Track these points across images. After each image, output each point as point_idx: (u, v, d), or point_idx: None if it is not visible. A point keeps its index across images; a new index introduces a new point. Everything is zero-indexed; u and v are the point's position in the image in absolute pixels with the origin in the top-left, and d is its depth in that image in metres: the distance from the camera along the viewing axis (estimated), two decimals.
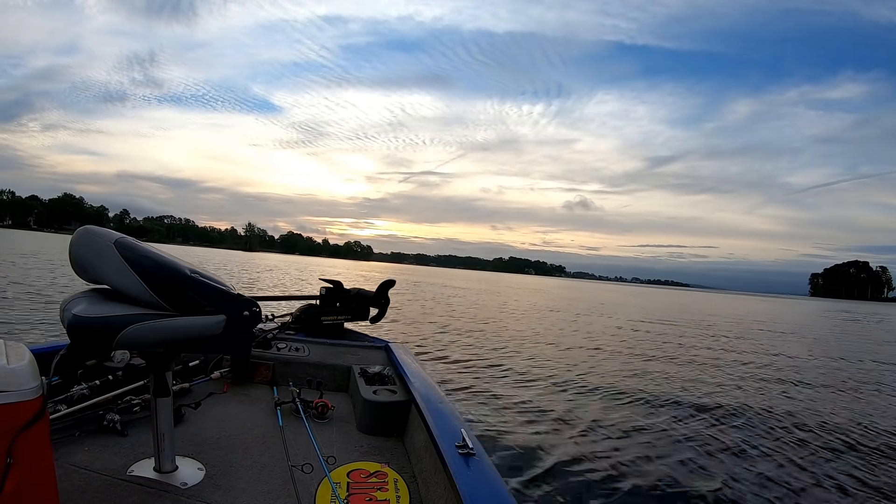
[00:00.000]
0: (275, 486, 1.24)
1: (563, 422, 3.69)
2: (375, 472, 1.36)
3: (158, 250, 1.12)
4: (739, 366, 7.05)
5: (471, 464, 1.08)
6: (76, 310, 0.95)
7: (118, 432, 1.43)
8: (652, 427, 3.72)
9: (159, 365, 1.17)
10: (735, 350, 8.92)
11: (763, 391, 5.37)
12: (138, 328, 0.97)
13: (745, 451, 3.31)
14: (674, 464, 3.01)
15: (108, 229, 1.08)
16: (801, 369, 7.13)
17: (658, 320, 14.73)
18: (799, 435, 3.77)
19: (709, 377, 5.96)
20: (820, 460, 3.25)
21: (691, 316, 18.29)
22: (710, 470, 2.96)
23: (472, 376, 5.02)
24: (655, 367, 6.32)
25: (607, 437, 3.41)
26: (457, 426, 1.28)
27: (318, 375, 2.00)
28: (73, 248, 1.01)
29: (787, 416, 4.28)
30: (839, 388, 5.86)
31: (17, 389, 0.77)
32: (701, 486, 2.72)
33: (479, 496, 0.95)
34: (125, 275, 1.00)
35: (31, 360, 0.82)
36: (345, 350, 2.26)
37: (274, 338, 2.21)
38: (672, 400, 4.59)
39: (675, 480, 2.77)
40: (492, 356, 6.27)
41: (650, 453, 3.16)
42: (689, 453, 3.21)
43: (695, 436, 3.57)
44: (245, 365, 2.01)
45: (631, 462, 2.98)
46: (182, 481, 1.21)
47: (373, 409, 1.64)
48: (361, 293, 2.74)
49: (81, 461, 1.26)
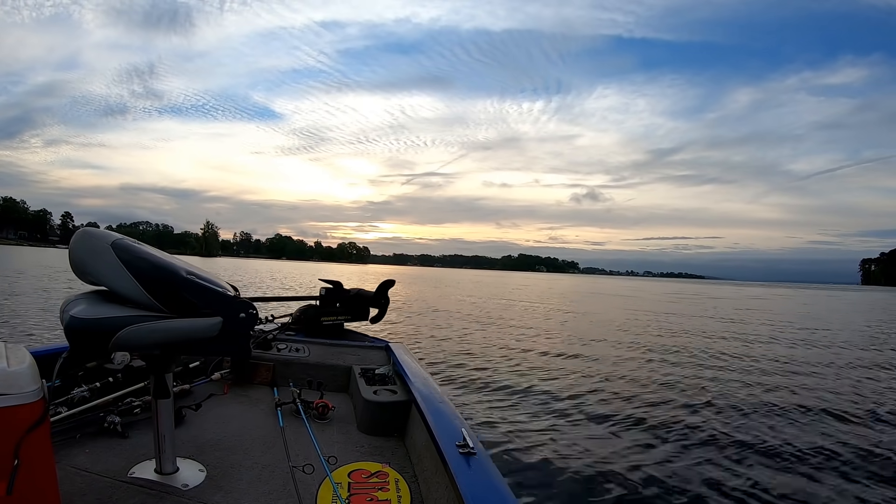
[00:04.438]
0: (276, 487, 1.24)
1: (565, 421, 3.69)
2: (376, 473, 1.36)
3: (157, 252, 1.11)
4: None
5: (472, 463, 1.08)
6: (73, 311, 0.95)
7: (119, 434, 1.43)
8: (668, 429, 3.65)
9: (159, 366, 1.16)
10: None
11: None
12: (134, 330, 0.97)
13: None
14: (679, 467, 2.98)
15: (108, 231, 1.08)
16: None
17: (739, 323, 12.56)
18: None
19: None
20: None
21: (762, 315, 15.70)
22: (719, 473, 2.95)
23: (473, 376, 5.03)
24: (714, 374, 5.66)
25: (609, 437, 3.41)
26: (457, 426, 1.28)
27: (318, 376, 2.00)
28: (72, 250, 1.02)
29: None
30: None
31: (18, 392, 0.77)
32: (703, 488, 2.72)
33: (480, 496, 0.95)
34: (121, 276, 1.00)
35: (32, 362, 0.82)
36: (345, 350, 2.25)
37: (274, 338, 2.21)
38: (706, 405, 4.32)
39: (678, 481, 2.77)
40: (491, 356, 6.28)
41: (657, 455, 3.14)
42: (705, 458, 3.11)
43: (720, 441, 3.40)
44: (245, 366, 2.01)
45: (632, 461, 2.98)
46: (183, 483, 1.21)
47: (373, 409, 1.63)
48: (361, 293, 2.75)
49: (82, 463, 1.26)
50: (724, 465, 3.01)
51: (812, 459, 3.18)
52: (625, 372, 5.69)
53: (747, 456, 3.19)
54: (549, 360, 6.25)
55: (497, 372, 5.26)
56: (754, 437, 3.56)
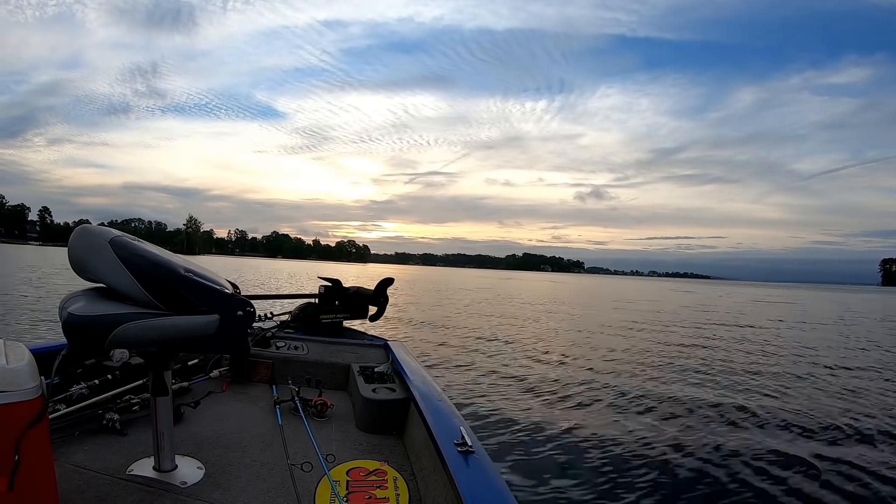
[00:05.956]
0: (274, 485, 1.24)
1: (564, 421, 3.70)
2: (375, 471, 1.37)
3: (155, 249, 1.11)
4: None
5: (470, 462, 1.08)
6: (71, 308, 0.95)
7: (117, 431, 1.43)
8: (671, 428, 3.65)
9: (158, 364, 1.16)
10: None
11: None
12: (131, 327, 0.97)
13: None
14: (680, 467, 2.97)
15: (106, 228, 1.08)
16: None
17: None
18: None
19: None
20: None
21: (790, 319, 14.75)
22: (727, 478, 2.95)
23: (472, 374, 5.04)
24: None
25: (609, 437, 3.42)
26: (456, 424, 1.28)
27: (317, 374, 2.00)
28: (71, 247, 1.02)
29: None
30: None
31: (17, 389, 0.77)
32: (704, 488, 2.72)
33: (479, 494, 0.95)
34: (119, 273, 1.00)
35: (31, 359, 0.82)
36: (344, 348, 2.25)
37: (273, 336, 2.21)
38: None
39: (678, 481, 2.77)
40: (492, 355, 6.28)
41: (657, 455, 3.13)
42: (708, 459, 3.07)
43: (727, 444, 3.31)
44: (244, 364, 2.00)
45: (632, 461, 2.98)
46: (181, 480, 1.21)
47: (372, 407, 1.64)
48: (360, 291, 2.75)
49: (81, 460, 1.26)
50: (729, 468, 2.99)
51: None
52: (631, 375, 5.68)
53: (769, 466, 3.04)
54: (549, 360, 6.26)
55: (497, 371, 5.26)
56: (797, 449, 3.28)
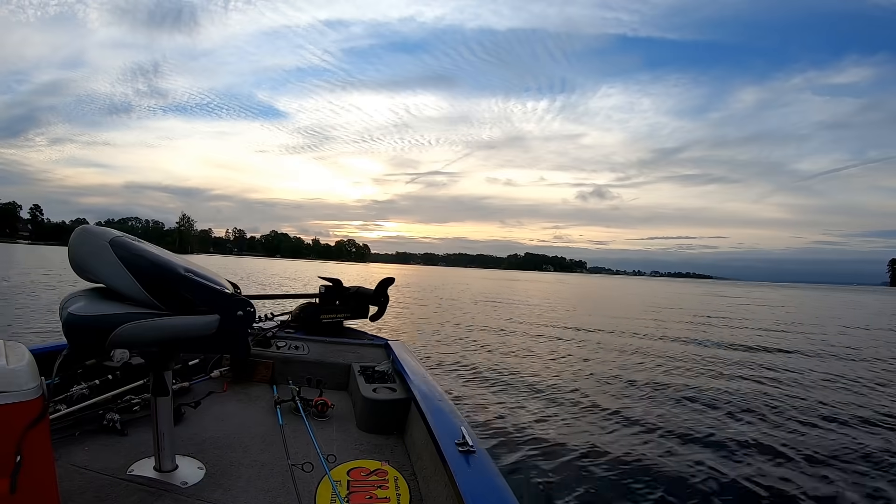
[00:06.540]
0: (275, 485, 1.24)
1: (565, 421, 3.69)
2: (376, 470, 1.37)
3: (155, 249, 1.11)
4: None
5: (471, 461, 1.08)
6: (71, 308, 0.95)
7: (118, 432, 1.43)
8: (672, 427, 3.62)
9: (158, 364, 1.16)
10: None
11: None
12: (131, 327, 0.97)
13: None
14: (683, 469, 2.94)
15: (106, 228, 1.08)
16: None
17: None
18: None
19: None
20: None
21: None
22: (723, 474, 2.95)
23: (473, 374, 5.03)
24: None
25: (609, 437, 3.41)
26: (457, 424, 1.28)
27: (317, 374, 2.00)
28: (71, 248, 1.02)
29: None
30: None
31: (17, 390, 0.76)
32: (704, 487, 2.72)
33: (480, 494, 0.95)
34: (119, 274, 1.00)
35: (31, 360, 0.82)
36: (344, 348, 2.25)
37: (273, 336, 2.21)
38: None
39: (680, 480, 2.77)
40: (492, 355, 6.28)
41: (658, 455, 3.12)
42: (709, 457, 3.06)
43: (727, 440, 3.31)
44: (245, 364, 2.01)
45: (632, 461, 2.98)
46: (182, 480, 1.21)
47: (373, 407, 1.64)
48: (361, 291, 2.75)
49: (81, 461, 1.26)
50: (730, 466, 2.98)
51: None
52: (633, 375, 5.68)
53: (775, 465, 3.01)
54: (551, 360, 6.26)
55: (498, 371, 5.26)
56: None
